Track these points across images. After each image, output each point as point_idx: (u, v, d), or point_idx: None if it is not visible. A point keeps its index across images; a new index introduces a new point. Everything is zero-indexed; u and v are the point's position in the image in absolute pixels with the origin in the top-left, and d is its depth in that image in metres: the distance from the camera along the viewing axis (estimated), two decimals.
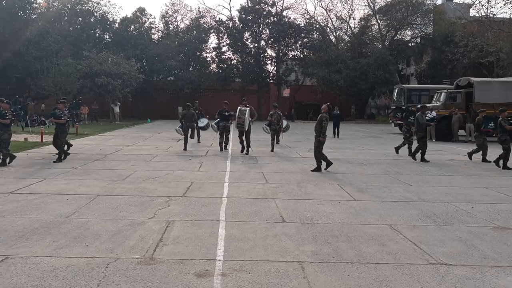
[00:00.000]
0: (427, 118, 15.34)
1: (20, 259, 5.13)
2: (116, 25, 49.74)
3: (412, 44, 53.72)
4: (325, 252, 5.59)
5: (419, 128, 14.89)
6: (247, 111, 15.99)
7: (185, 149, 17.10)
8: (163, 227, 6.50)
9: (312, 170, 12.34)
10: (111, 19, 49.62)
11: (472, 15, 47.85)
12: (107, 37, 50.11)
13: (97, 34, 49.36)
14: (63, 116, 13.72)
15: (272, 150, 17.09)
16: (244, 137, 16.19)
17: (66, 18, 47.43)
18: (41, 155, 14.82)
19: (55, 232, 6.17)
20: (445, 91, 26.48)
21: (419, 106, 17.12)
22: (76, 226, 6.47)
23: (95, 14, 48.61)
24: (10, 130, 12.62)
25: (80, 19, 48.01)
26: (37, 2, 40.83)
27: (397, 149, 16.73)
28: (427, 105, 20.91)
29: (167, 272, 4.83)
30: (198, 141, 20.28)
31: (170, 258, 5.24)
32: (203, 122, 20.03)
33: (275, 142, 17.82)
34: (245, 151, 16.10)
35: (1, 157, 12.38)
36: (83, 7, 47.69)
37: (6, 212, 7.19)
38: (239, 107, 16.11)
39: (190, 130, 18.24)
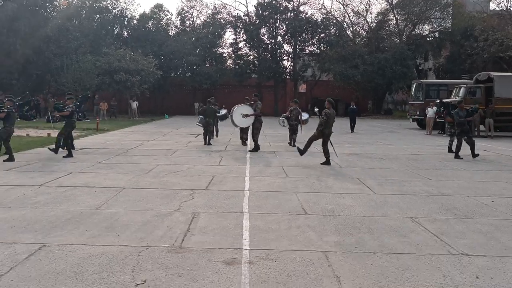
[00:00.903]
0: (469, 110, 15.18)
1: (57, 247, 5.38)
2: (135, 21, 50.20)
3: (431, 38, 53.25)
4: (348, 242, 5.74)
5: (457, 123, 14.68)
6: (242, 107, 15.84)
7: (205, 143, 17.36)
8: (189, 218, 6.71)
9: (321, 163, 12.59)
10: (129, 16, 50.09)
11: (492, 8, 47.33)
12: (126, 33, 50.60)
13: (115, 31, 49.87)
14: (67, 109, 13.91)
15: (292, 145, 17.05)
16: (250, 133, 16.09)
17: (84, 15, 48.05)
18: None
19: (87, 222, 6.42)
20: (465, 86, 26.28)
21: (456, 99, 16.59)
22: (106, 217, 6.71)
23: (113, 11, 49.11)
24: (8, 125, 12.49)
25: (98, 16, 48.55)
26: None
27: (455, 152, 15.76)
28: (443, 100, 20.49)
29: (197, 259, 5.03)
30: (216, 135, 20.52)
31: (199, 247, 5.44)
32: (221, 112, 20.23)
33: (295, 136, 17.55)
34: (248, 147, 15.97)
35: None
36: (101, 4, 48.22)
37: (39, 204, 7.48)
38: (236, 106, 16.24)
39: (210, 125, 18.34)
